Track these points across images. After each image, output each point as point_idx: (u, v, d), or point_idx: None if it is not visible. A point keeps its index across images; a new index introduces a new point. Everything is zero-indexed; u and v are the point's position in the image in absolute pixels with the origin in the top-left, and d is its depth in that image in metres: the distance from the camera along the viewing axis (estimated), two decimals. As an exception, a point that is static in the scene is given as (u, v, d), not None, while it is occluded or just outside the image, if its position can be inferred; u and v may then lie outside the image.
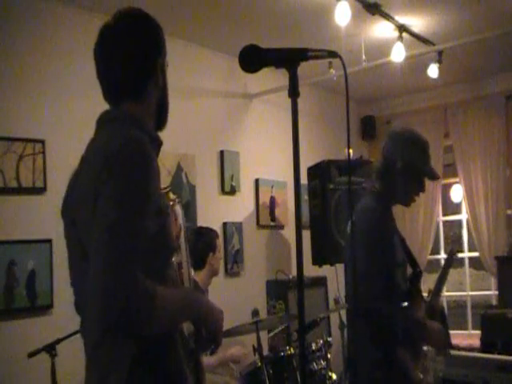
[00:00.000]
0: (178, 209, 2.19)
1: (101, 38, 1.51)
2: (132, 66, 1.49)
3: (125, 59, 1.48)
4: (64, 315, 2.97)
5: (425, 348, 2.43)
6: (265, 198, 5.13)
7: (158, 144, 1.54)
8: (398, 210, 2.64)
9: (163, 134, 1.68)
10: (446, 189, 6.24)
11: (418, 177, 2.48)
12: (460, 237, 2.99)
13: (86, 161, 1.45)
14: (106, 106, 1.57)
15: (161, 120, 1.60)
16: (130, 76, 1.49)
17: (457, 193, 6.09)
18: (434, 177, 2.52)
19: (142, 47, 1.50)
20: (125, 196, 1.30)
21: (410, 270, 2.58)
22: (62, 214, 1.50)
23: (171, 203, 2.19)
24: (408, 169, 2.43)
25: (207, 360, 3.19)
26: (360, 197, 2.52)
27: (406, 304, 2.39)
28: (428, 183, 2.58)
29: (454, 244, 2.91)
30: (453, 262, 2.79)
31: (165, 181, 4.21)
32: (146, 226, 1.31)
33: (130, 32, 1.50)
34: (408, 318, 2.36)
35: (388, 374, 2.31)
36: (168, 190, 2.22)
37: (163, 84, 1.56)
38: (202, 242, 3.49)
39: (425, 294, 2.66)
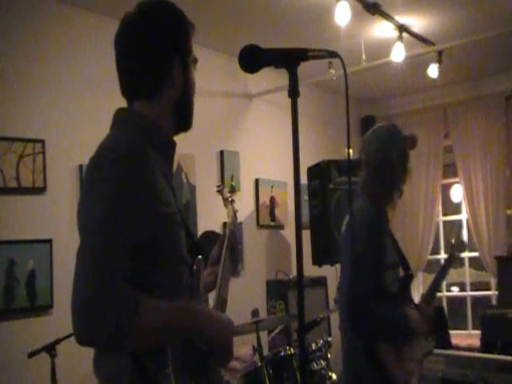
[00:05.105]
0: (230, 208, 2.04)
1: (121, 28, 1.46)
2: (146, 65, 1.43)
3: (139, 56, 1.43)
4: (64, 315, 2.96)
5: (412, 351, 2.42)
6: (265, 198, 5.13)
7: (169, 145, 1.49)
8: (398, 210, 2.65)
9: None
10: (446, 189, 6.24)
11: (407, 159, 2.48)
12: (463, 242, 2.96)
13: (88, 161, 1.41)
14: (106, 107, 1.56)
15: (182, 122, 1.54)
16: (144, 75, 1.44)
17: (457, 193, 6.09)
18: (413, 139, 2.50)
19: (158, 45, 1.43)
20: (97, 206, 1.25)
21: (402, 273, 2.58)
22: None
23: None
24: (403, 162, 2.45)
25: None
26: (355, 198, 2.52)
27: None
28: (428, 183, 2.59)
29: (455, 249, 2.87)
30: (450, 267, 2.78)
31: (165, 181, 4.20)
32: (130, 235, 1.25)
33: (148, 26, 1.43)
34: (395, 311, 2.36)
35: (372, 373, 2.32)
36: (221, 187, 2.12)
37: (184, 84, 1.50)
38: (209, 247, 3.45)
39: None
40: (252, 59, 1.35)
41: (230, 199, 2.09)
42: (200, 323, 1.34)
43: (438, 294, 2.82)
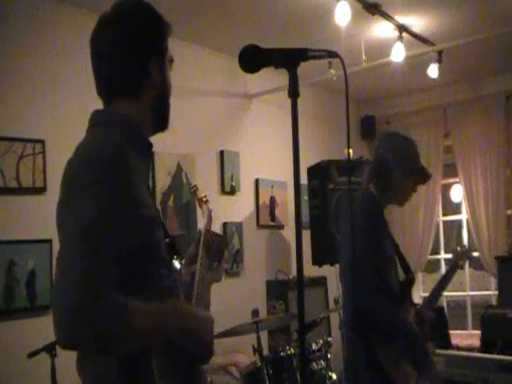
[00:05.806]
0: (205, 208, 2.06)
1: (97, 27, 1.46)
2: (127, 64, 1.43)
3: (120, 55, 1.42)
4: (64, 315, 2.97)
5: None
6: (265, 198, 5.13)
7: (147, 147, 1.50)
8: (398, 210, 2.66)
9: (163, 134, 1.62)
10: (446, 189, 6.24)
11: (411, 175, 2.50)
12: (468, 250, 2.99)
13: (67, 164, 1.40)
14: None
15: (160, 121, 1.52)
16: (125, 75, 1.43)
17: (457, 193, 6.09)
18: (426, 175, 2.54)
19: (138, 43, 1.43)
20: (86, 208, 1.23)
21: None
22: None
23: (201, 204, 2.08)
24: (401, 167, 2.46)
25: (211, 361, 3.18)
26: (355, 197, 2.54)
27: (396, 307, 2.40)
28: (428, 183, 2.61)
29: (460, 257, 2.91)
30: (453, 274, 2.80)
31: (165, 181, 4.21)
32: (118, 238, 1.24)
33: (126, 26, 1.44)
34: (405, 323, 2.36)
35: (371, 374, 2.32)
36: (195, 188, 2.16)
37: (162, 83, 1.48)
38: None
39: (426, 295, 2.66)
40: (252, 59, 1.34)
41: (204, 199, 2.12)
42: (185, 322, 1.35)
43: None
